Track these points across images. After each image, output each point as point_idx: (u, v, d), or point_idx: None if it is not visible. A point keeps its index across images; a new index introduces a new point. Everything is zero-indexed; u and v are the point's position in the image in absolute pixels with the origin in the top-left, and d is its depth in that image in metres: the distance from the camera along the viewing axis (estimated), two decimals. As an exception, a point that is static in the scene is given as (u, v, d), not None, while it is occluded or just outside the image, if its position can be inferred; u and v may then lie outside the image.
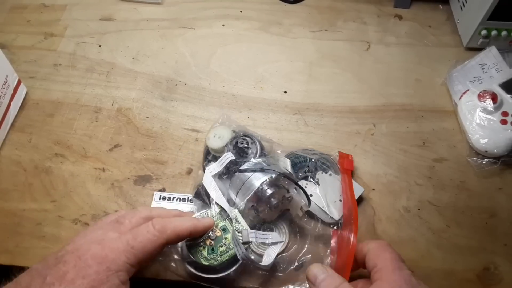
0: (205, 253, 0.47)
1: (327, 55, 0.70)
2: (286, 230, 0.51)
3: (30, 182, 0.57)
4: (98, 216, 0.54)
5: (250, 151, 0.54)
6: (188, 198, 0.55)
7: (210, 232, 0.48)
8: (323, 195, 0.53)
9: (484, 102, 0.58)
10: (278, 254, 0.49)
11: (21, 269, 0.40)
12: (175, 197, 0.55)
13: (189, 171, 0.58)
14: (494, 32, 0.65)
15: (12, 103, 0.61)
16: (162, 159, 0.59)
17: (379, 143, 0.61)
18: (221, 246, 0.48)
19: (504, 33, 0.65)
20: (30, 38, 0.72)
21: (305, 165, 0.56)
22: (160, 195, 0.56)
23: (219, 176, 0.52)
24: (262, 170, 0.49)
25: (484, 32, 0.65)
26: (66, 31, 0.73)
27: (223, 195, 0.50)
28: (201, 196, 0.52)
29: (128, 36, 0.72)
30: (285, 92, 0.66)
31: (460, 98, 0.61)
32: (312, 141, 0.61)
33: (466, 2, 0.68)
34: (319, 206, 0.52)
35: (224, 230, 0.49)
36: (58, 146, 0.60)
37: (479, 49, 0.65)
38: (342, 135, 0.61)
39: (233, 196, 0.50)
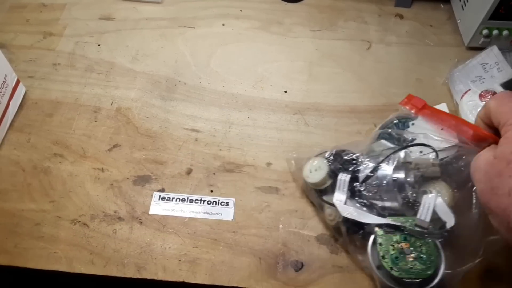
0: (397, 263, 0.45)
1: (327, 55, 0.70)
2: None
3: (28, 182, 0.56)
4: (97, 216, 0.54)
5: (355, 155, 0.51)
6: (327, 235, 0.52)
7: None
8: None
9: (485, 101, 0.58)
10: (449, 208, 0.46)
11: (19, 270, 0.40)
12: (174, 197, 0.55)
13: (189, 171, 0.57)
14: (495, 32, 0.65)
15: (11, 102, 0.61)
16: (161, 159, 0.58)
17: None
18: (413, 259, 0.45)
19: (505, 32, 0.65)
20: (29, 38, 0.71)
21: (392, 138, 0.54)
22: (160, 195, 0.55)
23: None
24: (380, 163, 0.48)
25: (485, 31, 0.65)
26: (65, 31, 0.72)
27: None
28: (349, 228, 0.49)
29: (127, 36, 0.72)
30: (285, 91, 0.66)
31: (462, 97, 0.61)
32: (312, 141, 0.60)
33: (467, 1, 0.68)
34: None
35: (405, 239, 0.46)
36: (57, 146, 0.60)
37: (480, 49, 0.64)
38: (342, 135, 0.61)
39: (378, 202, 0.48)
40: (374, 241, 0.47)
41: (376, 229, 0.47)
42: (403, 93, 0.65)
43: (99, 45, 0.70)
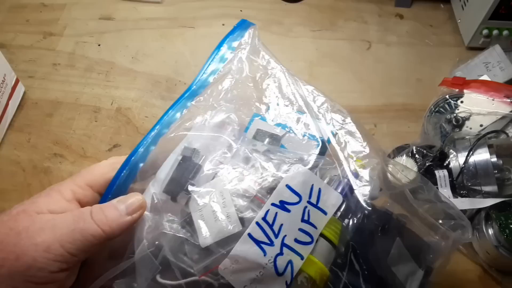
0: None
1: (327, 55, 0.70)
2: None
3: (29, 182, 0.56)
4: (97, 216, 0.54)
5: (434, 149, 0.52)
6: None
7: None
8: None
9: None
10: None
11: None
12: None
13: (189, 171, 0.57)
14: (495, 32, 0.65)
15: (10, 102, 0.61)
16: (161, 159, 0.58)
17: (380, 143, 0.60)
18: None
19: (505, 32, 0.65)
20: (29, 38, 0.71)
21: None
22: (160, 196, 0.55)
23: None
24: None
25: (485, 31, 0.65)
26: (65, 31, 0.72)
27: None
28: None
29: (127, 36, 0.72)
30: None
31: (463, 97, 0.61)
32: (312, 141, 0.60)
33: (467, 1, 0.68)
34: None
35: None
36: (57, 146, 0.60)
37: (481, 49, 0.64)
38: (342, 135, 0.61)
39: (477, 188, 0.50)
40: (490, 222, 0.48)
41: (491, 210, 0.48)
42: (403, 93, 0.65)
43: (99, 45, 0.70)
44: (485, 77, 0.59)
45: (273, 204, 0.33)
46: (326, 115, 0.40)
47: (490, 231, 0.48)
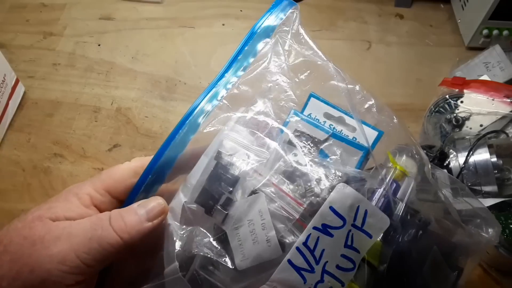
0: None
1: (327, 55, 0.70)
2: None
3: (28, 182, 0.56)
4: (97, 216, 0.54)
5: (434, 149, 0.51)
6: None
7: None
8: None
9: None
10: None
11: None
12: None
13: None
14: (495, 32, 0.65)
15: (10, 102, 0.61)
16: (161, 159, 0.58)
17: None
18: None
19: (505, 32, 0.65)
20: (29, 38, 0.71)
21: None
22: (160, 195, 0.55)
23: None
24: None
25: (485, 31, 0.65)
26: (65, 31, 0.72)
27: None
28: None
29: (127, 36, 0.72)
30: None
31: (463, 97, 0.61)
32: (312, 141, 0.60)
33: (467, 1, 0.68)
34: None
35: None
36: (57, 146, 0.60)
37: (481, 49, 0.64)
38: (342, 135, 0.61)
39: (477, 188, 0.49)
40: None
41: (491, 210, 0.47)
42: (403, 93, 0.65)
43: (99, 45, 0.70)
44: (485, 77, 0.59)
45: (315, 228, 0.30)
46: (372, 117, 0.36)
47: None
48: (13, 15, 0.74)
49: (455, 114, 0.55)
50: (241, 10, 0.75)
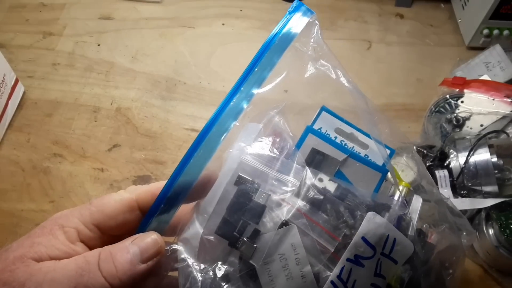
0: None
1: (327, 54, 0.70)
2: None
3: (28, 182, 0.56)
4: (96, 216, 0.53)
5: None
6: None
7: None
8: None
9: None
10: None
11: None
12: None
13: (189, 171, 0.57)
14: (496, 31, 0.65)
15: (9, 102, 0.61)
16: (161, 159, 0.58)
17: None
18: None
19: (506, 32, 0.65)
20: (28, 37, 0.71)
21: None
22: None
23: None
24: None
25: (486, 31, 0.65)
26: (65, 30, 0.72)
27: None
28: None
29: (127, 35, 0.72)
30: (286, 91, 0.65)
31: (463, 97, 0.61)
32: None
33: (468, 1, 0.68)
34: None
35: None
36: (56, 146, 0.59)
37: (481, 49, 0.64)
38: (343, 135, 0.61)
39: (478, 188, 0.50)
40: (490, 222, 0.48)
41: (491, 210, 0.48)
42: (403, 93, 0.65)
43: (98, 45, 0.70)
44: (485, 77, 0.59)
45: (348, 260, 0.30)
46: (386, 137, 0.36)
47: (491, 231, 0.48)
48: (13, 15, 0.74)
49: (455, 114, 0.55)
50: (241, 10, 0.75)
